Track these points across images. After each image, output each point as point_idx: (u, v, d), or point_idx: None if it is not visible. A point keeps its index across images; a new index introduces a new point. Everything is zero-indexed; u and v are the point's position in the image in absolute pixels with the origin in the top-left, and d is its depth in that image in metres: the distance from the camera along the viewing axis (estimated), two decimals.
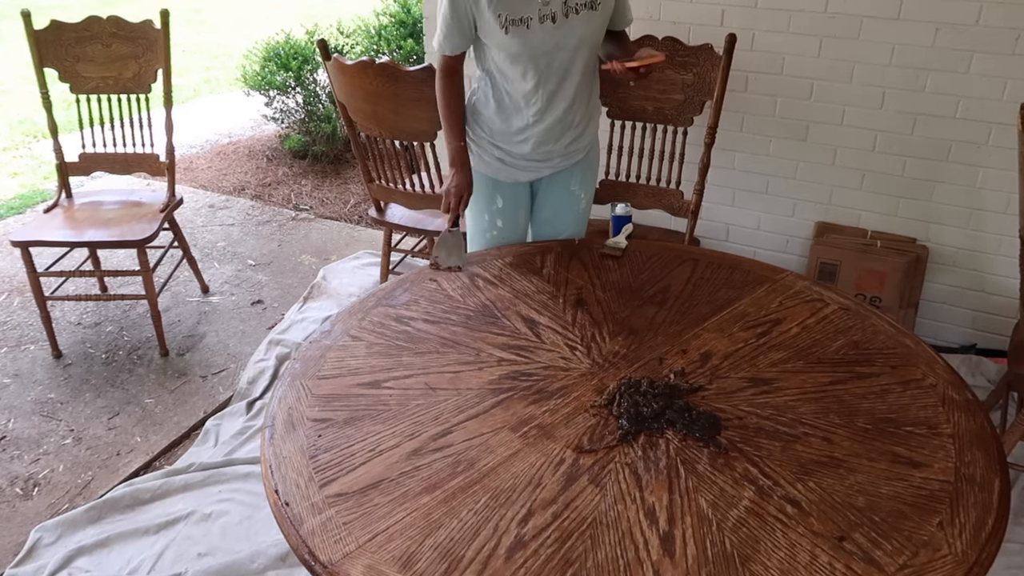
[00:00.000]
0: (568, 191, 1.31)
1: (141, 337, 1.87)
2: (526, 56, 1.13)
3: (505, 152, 1.25)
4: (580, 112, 1.22)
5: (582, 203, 1.34)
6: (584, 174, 1.32)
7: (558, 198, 1.32)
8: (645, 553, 0.71)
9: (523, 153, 1.24)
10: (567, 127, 1.22)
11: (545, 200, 1.33)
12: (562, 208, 1.33)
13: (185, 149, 3.11)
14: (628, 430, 0.85)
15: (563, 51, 1.13)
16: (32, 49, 1.74)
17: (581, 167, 1.31)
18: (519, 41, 1.11)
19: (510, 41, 1.11)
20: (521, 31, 1.10)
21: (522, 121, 1.20)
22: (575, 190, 1.32)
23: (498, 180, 1.27)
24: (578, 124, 1.24)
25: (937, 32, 1.48)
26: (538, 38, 1.11)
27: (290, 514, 0.76)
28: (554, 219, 1.34)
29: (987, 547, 0.71)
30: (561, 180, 1.30)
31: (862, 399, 0.89)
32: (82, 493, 1.42)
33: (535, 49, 1.12)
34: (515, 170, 1.27)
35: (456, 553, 0.71)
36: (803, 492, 0.76)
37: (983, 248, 1.62)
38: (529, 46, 1.11)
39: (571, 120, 1.22)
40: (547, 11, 1.09)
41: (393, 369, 0.97)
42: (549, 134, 1.21)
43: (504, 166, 1.26)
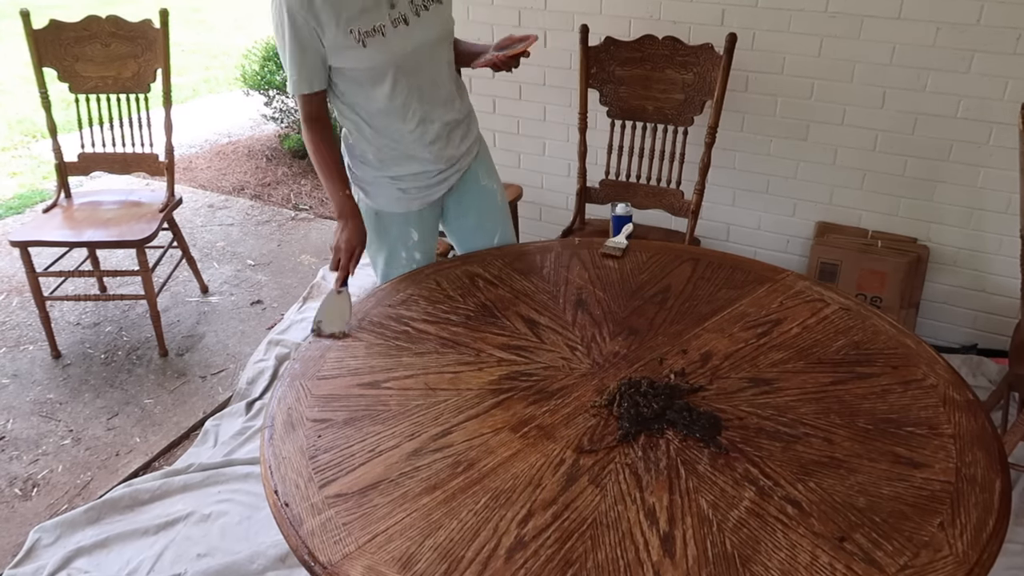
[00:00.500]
0: (480, 188, 1.25)
1: (140, 337, 1.86)
2: (391, 66, 1.06)
3: (406, 180, 1.16)
4: (459, 107, 1.17)
5: (497, 196, 1.27)
6: (485, 164, 1.26)
7: (475, 200, 1.25)
8: (645, 554, 0.71)
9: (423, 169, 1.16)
10: (453, 125, 1.16)
11: (464, 207, 1.26)
12: (483, 208, 1.26)
13: (184, 149, 3.10)
14: (628, 430, 0.85)
15: (424, 49, 1.09)
16: (31, 48, 1.74)
17: (481, 158, 1.25)
18: (379, 52, 1.04)
19: (371, 54, 1.04)
20: (378, 40, 1.04)
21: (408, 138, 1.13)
22: (486, 184, 1.25)
23: (409, 212, 1.19)
24: (462, 120, 1.19)
25: (938, 32, 1.48)
26: (397, 43, 1.05)
27: (289, 515, 0.76)
28: (482, 222, 1.26)
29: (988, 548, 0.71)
30: (469, 181, 1.24)
31: (863, 399, 0.89)
32: (81, 494, 1.41)
33: (397, 55, 1.06)
34: (421, 190, 1.18)
35: (456, 554, 0.71)
36: (804, 493, 0.76)
37: (984, 248, 1.61)
38: (390, 54, 1.05)
39: (453, 118, 1.16)
40: (397, 14, 1.05)
41: (393, 369, 0.96)
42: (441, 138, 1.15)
43: (408, 196, 1.18)
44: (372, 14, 1.04)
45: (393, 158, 1.16)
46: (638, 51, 1.56)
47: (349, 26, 1.04)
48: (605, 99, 1.61)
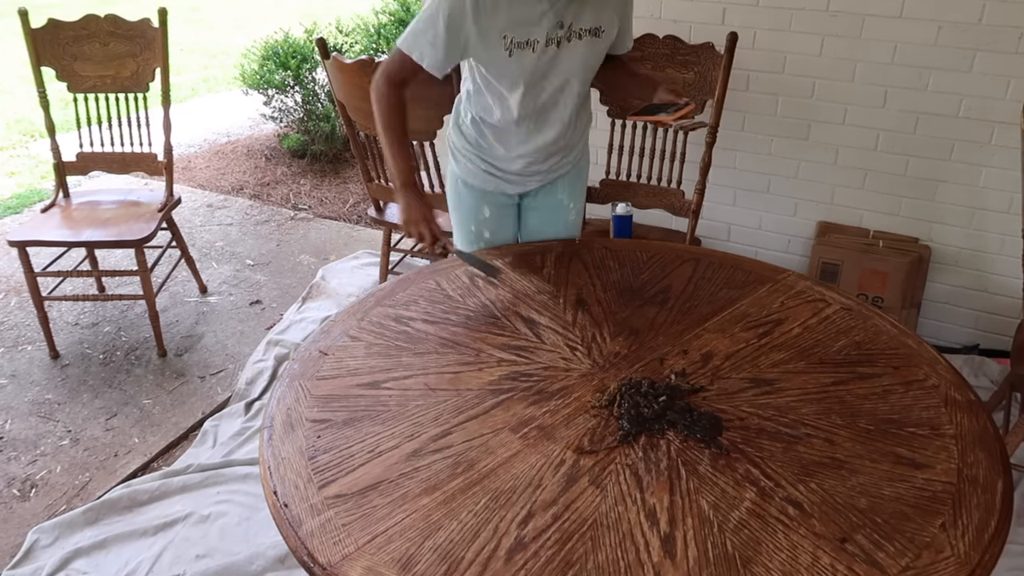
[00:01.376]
0: (556, 200, 1.28)
1: (139, 337, 1.86)
2: (523, 80, 1.07)
3: (492, 165, 1.20)
4: (570, 136, 1.19)
5: (571, 214, 1.30)
6: (572, 184, 1.28)
7: (546, 208, 1.29)
8: (646, 555, 0.71)
9: (510, 169, 1.20)
10: (556, 150, 1.19)
11: (532, 210, 1.30)
12: (551, 218, 1.29)
13: (183, 148, 3.10)
14: (629, 431, 0.84)
15: (560, 76, 1.09)
16: (29, 48, 1.74)
17: (570, 176, 1.27)
18: (520, 65, 1.05)
19: (511, 64, 1.05)
20: (525, 54, 1.04)
21: (510, 141, 1.16)
22: (563, 199, 1.28)
23: (486, 190, 1.23)
24: (567, 147, 1.21)
25: (940, 30, 1.47)
26: (540, 62, 1.06)
27: (289, 515, 0.75)
28: (542, 229, 1.30)
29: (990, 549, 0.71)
30: (548, 190, 1.27)
31: (864, 400, 0.88)
32: (80, 494, 1.41)
33: (534, 73, 1.07)
34: (502, 182, 1.22)
35: (456, 555, 0.71)
36: (805, 493, 0.76)
37: (986, 248, 1.61)
38: (529, 70, 1.06)
39: (561, 144, 1.19)
40: (555, 35, 1.04)
41: (392, 370, 0.96)
42: (537, 155, 1.18)
43: (491, 178, 1.21)
44: (532, 28, 1.04)
45: (489, 142, 1.18)
46: (638, 50, 1.55)
47: (505, 32, 1.03)
48: (605, 98, 1.61)
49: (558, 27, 1.05)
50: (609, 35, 1.11)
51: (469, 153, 1.21)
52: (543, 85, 1.10)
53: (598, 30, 1.08)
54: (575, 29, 1.06)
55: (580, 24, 1.06)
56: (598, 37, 1.09)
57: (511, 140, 1.17)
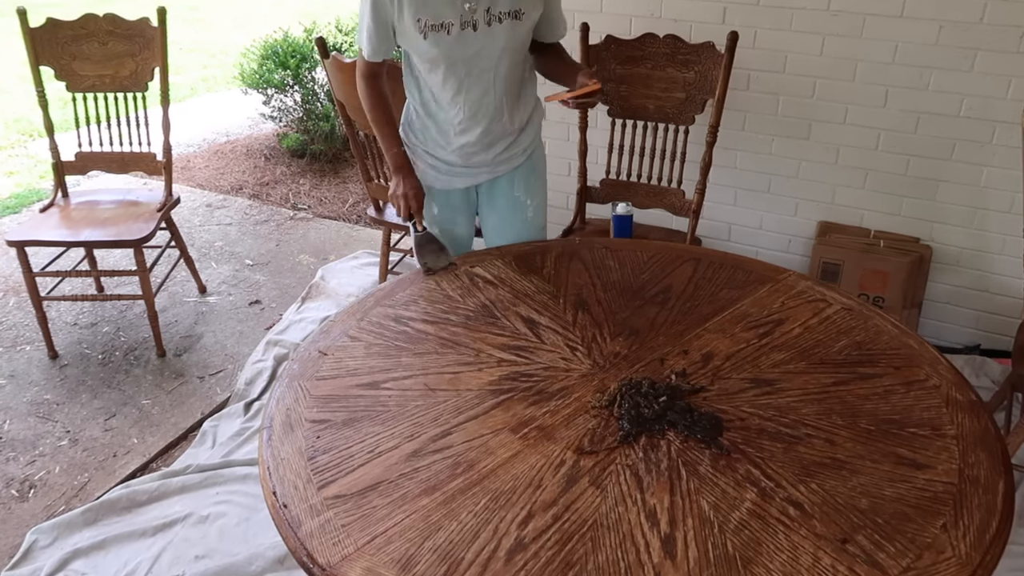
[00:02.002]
0: (512, 197, 1.27)
1: (138, 338, 1.86)
2: (444, 63, 1.09)
3: (436, 159, 1.21)
4: (507, 122, 1.18)
5: (529, 210, 1.28)
6: (528, 179, 1.27)
7: (503, 205, 1.28)
8: (646, 555, 0.70)
9: (453, 161, 1.21)
10: (496, 138, 1.19)
11: (490, 208, 1.29)
12: (508, 216, 1.28)
13: (182, 148, 3.09)
14: (629, 431, 0.84)
15: (484, 60, 1.10)
16: (28, 47, 1.73)
17: (523, 171, 1.26)
18: (437, 47, 1.07)
19: (428, 47, 1.07)
20: (441, 36, 1.06)
21: (448, 129, 1.17)
22: (519, 196, 1.27)
23: (432, 188, 1.24)
24: (509, 133, 1.20)
25: (941, 30, 1.47)
26: (458, 45, 1.07)
27: (288, 516, 0.75)
28: (502, 227, 1.29)
29: (991, 549, 0.70)
30: (503, 186, 1.26)
31: (865, 400, 0.88)
32: (78, 495, 1.41)
33: (454, 56, 1.08)
34: (449, 176, 1.23)
35: (455, 555, 0.71)
36: (806, 494, 0.76)
37: (987, 248, 1.61)
38: (448, 52, 1.08)
39: (499, 131, 1.18)
40: (469, 18, 1.06)
41: (392, 370, 0.96)
42: (477, 144, 1.18)
43: (438, 173, 1.22)
44: (444, 9, 1.06)
45: (431, 136, 1.20)
46: (639, 49, 1.55)
47: (419, 15, 1.06)
48: (606, 98, 1.61)
49: (472, 10, 1.06)
50: (531, 18, 1.11)
51: (416, 147, 1.23)
52: (466, 68, 1.11)
53: (519, 12, 1.09)
54: (494, 12, 1.07)
55: (499, 7, 1.07)
56: (519, 20, 1.09)
57: (448, 128, 1.17)
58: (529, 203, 1.29)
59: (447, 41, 1.07)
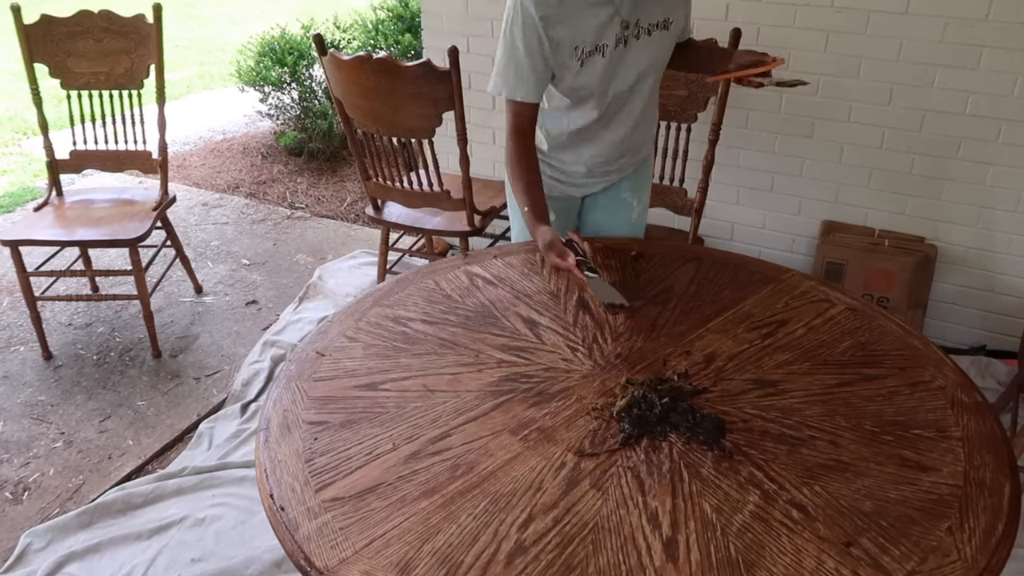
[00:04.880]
0: (619, 199, 1.26)
1: (133, 338, 1.84)
2: (594, 87, 1.04)
3: (559, 170, 1.19)
4: (640, 134, 1.17)
5: (635, 211, 1.27)
6: (635, 180, 1.26)
7: (608, 206, 1.26)
8: (648, 559, 0.70)
9: (576, 171, 1.19)
10: (626, 149, 1.17)
11: (596, 213, 1.27)
12: (612, 216, 1.27)
13: (178, 146, 3.08)
14: (630, 433, 0.83)
15: (631, 74, 1.06)
16: (22, 44, 1.72)
17: (633, 175, 1.25)
18: (591, 73, 1.01)
19: (584, 74, 1.01)
20: (595, 60, 1.01)
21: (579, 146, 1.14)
22: (626, 197, 1.26)
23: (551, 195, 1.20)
24: (637, 145, 1.18)
25: (946, 26, 1.46)
26: (610, 64, 1.03)
27: (285, 519, 0.74)
28: (604, 226, 1.28)
29: (997, 552, 0.70)
30: (611, 190, 1.25)
31: (869, 401, 0.87)
32: (73, 497, 1.40)
33: (604, 77, 1.04)
34: (568, 186, 1.21)
35: (455, 559, 0.70)
36: (809, 496, 0.75)
37: (993, 247, 1.60)
38: (600, 75, 1.03)
39: (631, 142, 1.16)
40: (623, 35, 1.01)
41: (391, 371, 0.95)
42: (606, 155, 1.16)
43: (558, 183, 1.20)
44: (601, 33, 1.01)
45: (553, 147, 1.16)
46: None
47: (576, 43, 1.00)
48: None
49: (624, 27, 1.02)
50: (678, 25, 1.08)
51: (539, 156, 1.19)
52: (613, 86, 1.07)
53: (666, 22, 1.05)
54: (642, 25, 1.03)
55: (648, 19, 1.03)
56: (667, 29, 1.06)
57: (580, 145, 1.14)
58: (635, 204, 1.27)
59: (600, 63, 1.02)
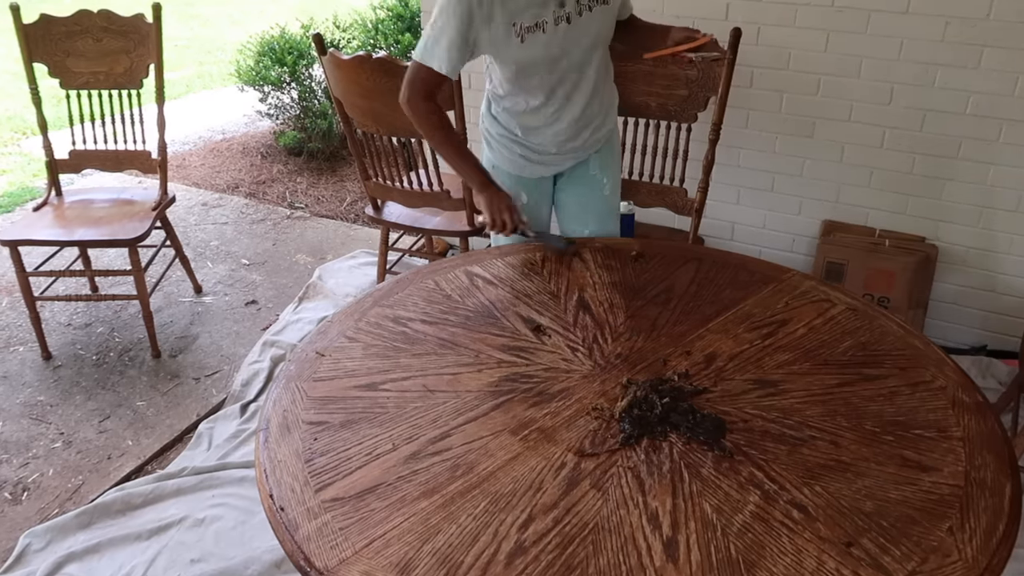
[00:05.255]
0: (588, 176, 1.28)
1: (132, 338, 1.84)
2: (542, 63, 1.08)
3: (527, 148, 1.21)
4: (597, 107, 1.19)
5: (605, 189, 1.29)
6: (604, 158, 1.28)
7: (579, 186, 1.29)
8: (648, 559, 0.70)
9: (545, 150, 1.21)
10: (585, 124, 1.19)
11: (567, 191, 1.30)
12: (584, 196, 1.29)
13: (178, 146, 3.08)
14: (631, 433, 0.83)
15: (578, 50, 1.10)
16: (21, 44, 1.72)
17: (600, 151, 1.27)
18: (533, 49, 1.06)
19: (525, 50, 1.06)
20: (536, 36, 1.06)
21: (538, 121, 1.17)
22: (595, 175, 1.28)
23: (521, 176, 1.25)
24: (596, 118, 1.21)
25: (947, 26, 1.46)
26: (553, 41, 1.07)
27: (285, 519, 0.74)
28: (578, 209, 1.30)
29: (998, 553, 0.70)
30: (580, 168, 1.28)
31: (870, 401, 0.87)
32: (72, 498, 1.40)
33: (550, 54, 1.08)
34: (539, 165, 1.24)
35: (455, 559, 0.70)
36: (810, 497, 0.75)
37: (994, 247, 1.59)
38: (544, 52, 1.07)
39: (589, 116, 1.18)
40: (562, 12, 1.05)
41: (390, 371, 0.94)
42: (568, 132, 1.19)
43: (528, 163, 1.23)
44: (538, 10, 1.04)
45: (520, 127, 1.19)
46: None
47: (514, 19, 1.04)
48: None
49: (560, 4, 1.05)
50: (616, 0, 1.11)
51: (503, 139, 1.22)
52: (561, 63, 1.10)
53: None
54: (583, 2, 1.06)
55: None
56: (606, 4, 1.09)
57: (540, 123, 1.17)
58: (606, 181, 1.29)
59: (542, 40, 1.06)
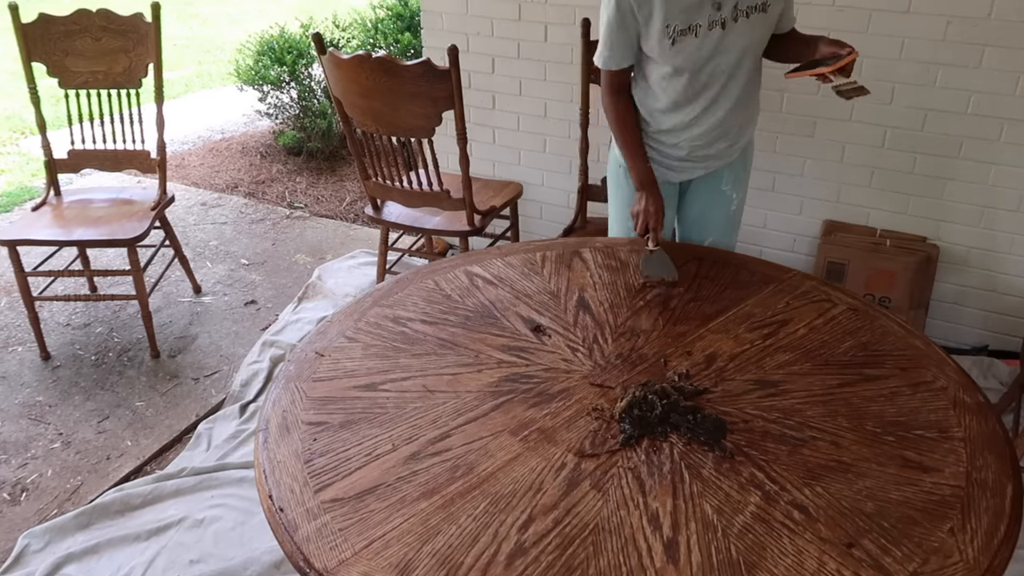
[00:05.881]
0: (718, 191, 1.26)
1: (131, 338, 1.84)
2: (689, 67, 1.07)
3: (656, 151, 1.20)
4: (738, 118, 1.17)
5: (733, 204, 1.27)
6: (737, 174, 1.26)
7: (707, 198, 1.27)
8: (649, 560, 0.70)
9: (675, 155, 1.20)
10: (724, 132, 1.17)
11: (693, 199, 1.28)
12: (711, 208, 1.27)
13: (177, 145, 3.07)
14: (631, 434, 0.83)
15: (728, 56, 1.08)
16: (20, 43, 1.71)
17: (734, 166, 1.25)
18: (683, 52, 1.05)
19: (675, 53, 1.05)
20: (687, 40, 1.04)
21: (676, 126, 1.16)
22: (726, 190, 1.26)
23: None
24: (734, 129, 1.18)
25: (948, 25, 1.45)
26: (704, 46, 1.05)
27: (284, 520, 0.74)
28: (702, 220, 1.28)
29: (999, 554, 0.70)
30: (711, 180, 1.25)
31: (871, 402, 0.87)
32: (71, 498, 1.39)
33: (699, 59, 1.07)
34: (666, 170, 1.22)
35: (455, 560, 0.70)
36: (811, 497, 0.75)
37: (995, 247, 1.59)
38: (694, 56, 1.06)
39: (728, 126, 1.16)
40: (718, 17, 1.03)
41: (390, 371, 0.94)
42: (704, 138, 1.17)
43: (656, 165, 1.20)
44: (694, 12, 1.04)
45: (655, 128, 1.19)
46: None
47: (668, 20, 1.04)
48: None
49: (717, 8, 1.04)
50: (776, 8, 1.08)
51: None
52: (709, 68, 1.09)
53: (765, 5, 1.06)
54: (740, 8, 1.05)
55: (745, 2, 1.05)
56: (765, 12, 1.07)
57: (677, 125, 1.16)
58: (735, 197, 1.28)
59: (694, 44, 1.05)
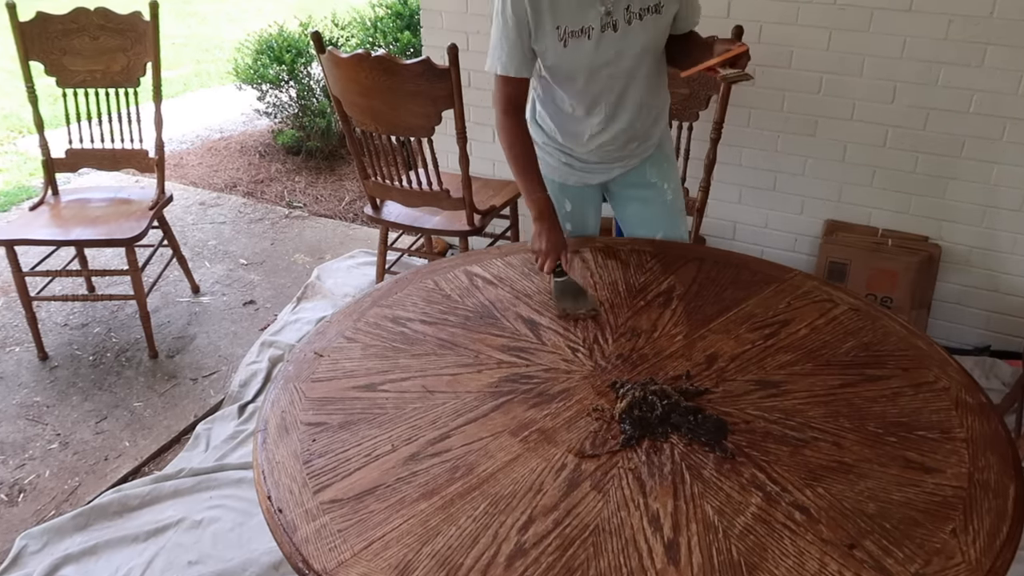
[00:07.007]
0: (647, 185, 1.25)
1: (129, 339, 1.83)
2: (585, 71, 1.06)
3: (571, 156, 1.19)
4: (645, 117, 1.16)
5: (668, 195, 1.25)
6: (659, 165, 1.24)
7: (638, 194, 1.25)
8: (649, 561, 0.69)
9: (589, 159, 1.19)
10: (633, 135, 1.16)
11: (625, 199, 1.27)
12: (647, 205, 1.26)
13: (175, 145, 3.07)
14: (632, 435, 0.83)
15: (626, 59, 1.07)
16: (17, 42, 1.71)
17: (654, 158, 1.24)
18: (577, 54, 1.04)
19: (568, 55, 1.04)
20: (581, 43, 1.03)
21: (585, 129, 1.14)
22: (655, 182, 1.24)
23: (566, 184, 1.22)
24: (645, 129, 1.18)
25: (950, 24, 1.45)
26: (599, 49, 1.04)
27: (283, 521, 0.74)
28: (641, 217, 1.26)
29: (1002, 555, 0.69)
30: (634, 176, 1.24)
31: (873, 402, 0.87)
32: (69, 499, 1.39)
33: (594, 61, 1.05)
34: (583, 173, 1.21)
35: (454, 561, 0.69)
36: (812, 498, 0.75)
37: (998, 247, 1.59)
38: (588, 58, 1.04)
39: (637, 127, 1.16)
40: (609, 20, 1.02)
41: (389, 371, 0.94)
42: (614, 143, 1.16)
43: (572, 170, 1.20)
44: (584, 14, 1.03)
45: (565, 134, 1.17)
46: None
47: (558, 22, 1.03)
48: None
49: (607, 12, 1.03)
50: (670, 9, 1.07)
51: (547, 146, 1.20)
52: (607, 71, 1.08)
53: (658, 6, 1.05)
54: (633, 10, 1.04)
55: (639, 4, 1.03)
56: (659, 14, 1.05)
57: (584, 130, 1.15)
58: (666, 187, 1.26)
59: (587, 47, 1.04)
